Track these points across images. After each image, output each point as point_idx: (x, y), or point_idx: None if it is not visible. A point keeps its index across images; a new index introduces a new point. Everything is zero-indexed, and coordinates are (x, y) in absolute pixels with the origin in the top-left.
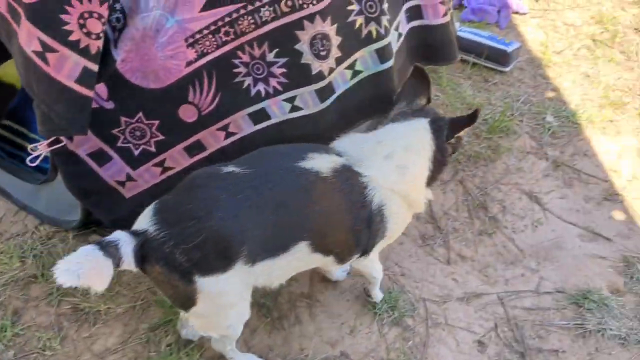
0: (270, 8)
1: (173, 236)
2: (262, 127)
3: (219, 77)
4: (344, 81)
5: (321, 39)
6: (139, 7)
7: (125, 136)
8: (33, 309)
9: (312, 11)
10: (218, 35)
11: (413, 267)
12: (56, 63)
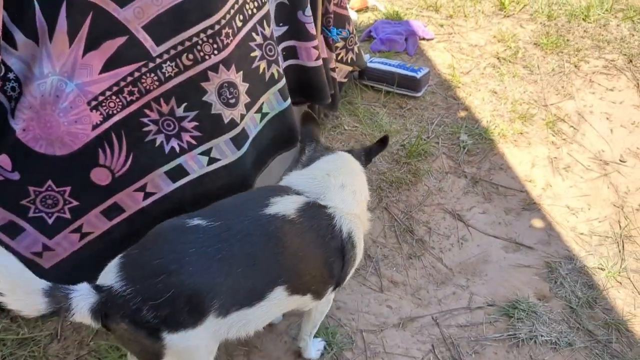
0: (172, 63)
1: (140, 292)
2: (182, 184)
3: (129, 137)
4: (255, 125)
5: (228, 87)
6: (34, 75)
7: (36, 206)
8: None
9: (215, 61)
10: (122, 95)
11: (348, 299)
12: None
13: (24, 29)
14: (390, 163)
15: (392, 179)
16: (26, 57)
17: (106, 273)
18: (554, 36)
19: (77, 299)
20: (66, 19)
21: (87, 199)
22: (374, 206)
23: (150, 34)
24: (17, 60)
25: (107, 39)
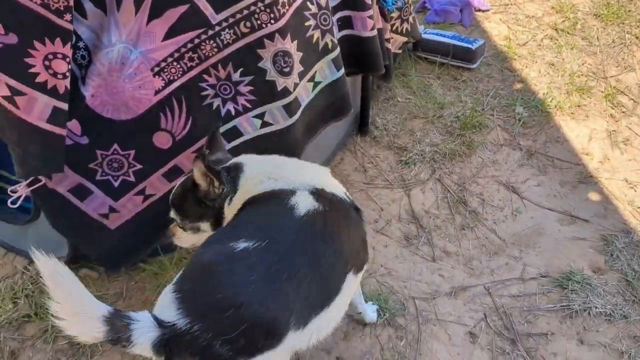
0: (230, 31)
1: (210, 329)
2: (236, 145)
3: (188, 101)
4: (307, 94)
5: (283, 56)
6: (102, 43)
7: (103, 169)
8: (30, 348)
9: (271, 30)
10: (182, 61)
11: (399, 268)
12: (26, 106)
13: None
14: (444, 135)
15: (446, 151)
16: (95, 26)
17: (164, 307)
18: (615, 7)
19: (138, 332)
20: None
21: (150, 163)
22: (427, 177)
23: (210, 2)
24: (86, 30)
25: (169, 7)
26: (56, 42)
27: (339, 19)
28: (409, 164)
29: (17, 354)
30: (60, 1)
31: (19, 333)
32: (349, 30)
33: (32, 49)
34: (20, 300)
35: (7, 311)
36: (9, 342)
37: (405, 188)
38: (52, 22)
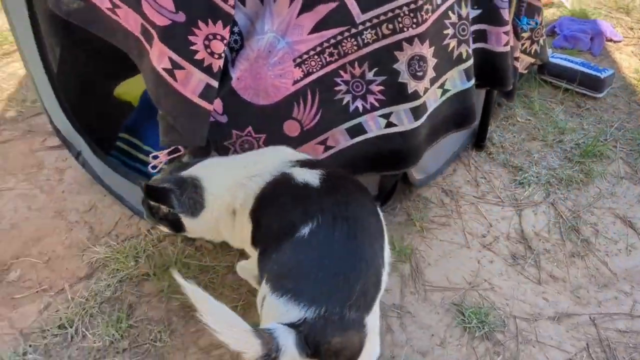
0: (372, 31)
1: (336, 303)
2: (358, 141)
3: (322, 94)
4: (435, 100)
5: (418, 60)
6: (256, 30)
7: (235, 148)
8: (145, 304)
9: (412, 34)
10: (323, 56)
11: (503, 285)
12: (183, 79)
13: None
14: (562, 160)
15: (563, 176)
16: (251, 14)
17: (281, 313)
18: None
19: (282, 338)
20: None
21: None
22: (540, 200)
23: (358, 2)
24: (243, 16)
25: (321, 2)
26: (217, 24)
27: (474, 31)
28: (523, 184)
29: (134, 307)
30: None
31: (138, 289)
32: (483, 43)
33: (196, 28)
34: (141, 259)
35: (129, 267)
36: (128, 296)
37: (516, 207)
38: (217, 6)
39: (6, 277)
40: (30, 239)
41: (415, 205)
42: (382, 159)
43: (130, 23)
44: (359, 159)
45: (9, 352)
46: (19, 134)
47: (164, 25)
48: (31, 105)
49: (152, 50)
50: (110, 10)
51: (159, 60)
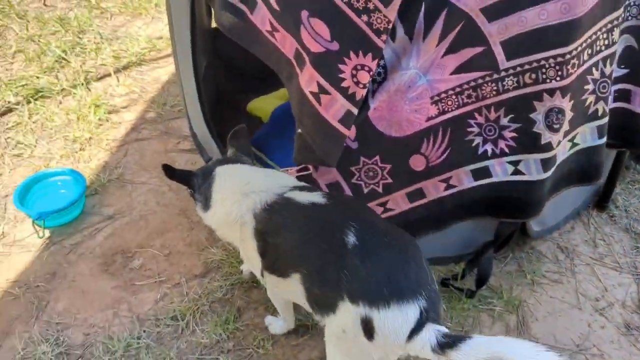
0: (514, 78)
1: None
2: (481, 184)
3: (453, 133)
4: (563, 152)
5: (557, 112)
6: (400, 65)
7: (360, 174)
8: (253, 310)
9: (554, 86)
10: (461, 96)
11: (613, 354)
12: (327, 103)
13: (405, 26)
14: None
15: None
16: (399, 50)
17: (404, 319)
18: None
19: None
20: (442, 24)
21: (400, 180)
22: None
23: (504, 49)
24: (391, 51)
25: (467, 46)
26: (367, 56)
27: (617, 90)
28: None
29: (242, 311)
30: (382, 23)
31: (247, 295)
32: (625, 103)
33: (347, 57)
34: None
35: (241, 274)
36: (238, 300)
37: (636, 276)
38: (370, 39)
39: (130, 263)
40: (155, 232)
41: (528, 257)
42: (503, 205)
43: (286, 47)
44: (479, 202)
45: (125, 333)
46: (156, 134)
47: (317, 52)
48: (170, 109)
49: (302, 74)
50: (269, 32)
51: (308, 83)
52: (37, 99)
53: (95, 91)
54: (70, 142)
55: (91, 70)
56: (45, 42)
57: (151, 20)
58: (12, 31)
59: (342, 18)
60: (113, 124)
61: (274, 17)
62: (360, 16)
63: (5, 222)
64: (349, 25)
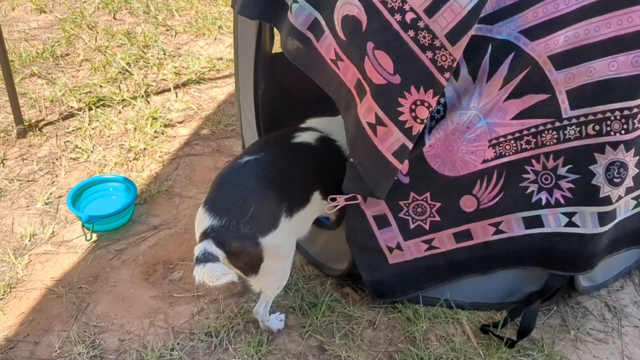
0: (576, 128)
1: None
2: (532, 233)
3: (507, 178)
4: (626, 210)
5: (619, 166)
6: (460, 105)
7: (408, 209)
8: (286, 335)
9: (618, 139)
10: (519, 142)
11: None
12: (383, 136)
13: (469, 66)
14: None
15: None
16: (461, 89)
17: (201, 221)
18: None
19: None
20: (508, 68)
21: (448, 219)
22: None
23: (569, 98)
24: (452, 89)
25: (531, 92)
26: (428, 93)
27: None
28: None
29: (276, 335)
30: (447, 60)
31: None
32: None
33: (408, 92)
34: (290, 292)
35: (278, 296)
36: None
37: None
38: (432, 76)
39: (170, 274)
40: None
41: (573, 312)
42: (553, 257)
43: (348, 76)
44: (528, 251)
45: (160, 344)
46: (208, 150)
47: (379, 84)
48: (224, 128)
49: (361, 104)
50: (333, 61)
51: (366, 114)
52: (98, 107)
53: (153, 104)
54: (125, 151)
55: (152, 84)
56: (112, 53)
57: (213, 41)
58: (82, 40)
59: (407, 52)
60: (168, 137)
61: (340, 47)
62: (425, 52)
63: (56, 222)
64: (413, 60)
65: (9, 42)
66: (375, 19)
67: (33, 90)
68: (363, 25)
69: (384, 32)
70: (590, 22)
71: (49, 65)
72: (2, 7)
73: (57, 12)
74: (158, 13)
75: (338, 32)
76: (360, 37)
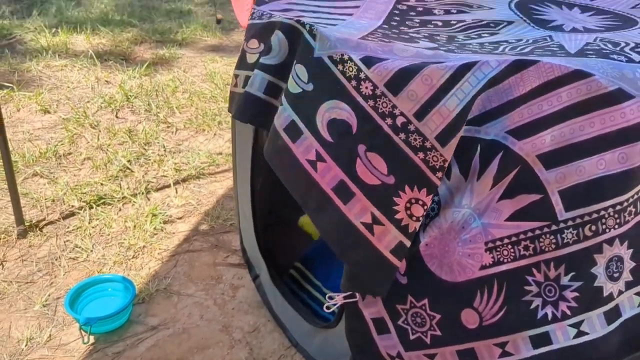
0: (573, 231)
1: None
2: (541, 353)
3: (509, 290)
4: (630, 307)
5: (616, 261)
6: (453, 202)
7: (407, 317)
8: None
9: (613, 235)
10: (517, 247)
11: None
12: (380, 234)
13: (460, 165)
14: None
15: None
16: (453, 187)
17: None
18: None
19: None
20: (497, 166)
21: (450, 334)
22: None
23: (562, 198)
24: (445, 188)
25: (523, 192)
26: (422, 191)
27: None
28: None
29: None
30: (438, 161)
31: None
32: None
33: (402, 191)
34: None
35: None
36: None
37: None
38: (425, 175)
39: None
40: (195, 347)
41: None
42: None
43: (326, 177)
44: None
45: None
46: (207, 246)
47: (372, 184)
48: (223, 222)
49: (348, 205)
50: (310, 162)
51: (360, 214)
52: (99, 205)
53: (153, 201)
54: (124, 249)
55: (152, 180)
56: (113, 151)
57: (213, 137)
58: (84, 139)
59: (399, 154)
60: (167, 234)
61: (324, 148)
62: (417, 153)
63: (53, 325)
64: (406, 161)
65: (13, 142)
66: (367, 122)
67: (35, 190)
68: (354, 129)
69: (376, 135)
70: (574, 121)
71: (52, 164)
72: (7, 109)
73: (61, 112)
74: (159, 111)
75: (322, 134)
76: (351, 139)
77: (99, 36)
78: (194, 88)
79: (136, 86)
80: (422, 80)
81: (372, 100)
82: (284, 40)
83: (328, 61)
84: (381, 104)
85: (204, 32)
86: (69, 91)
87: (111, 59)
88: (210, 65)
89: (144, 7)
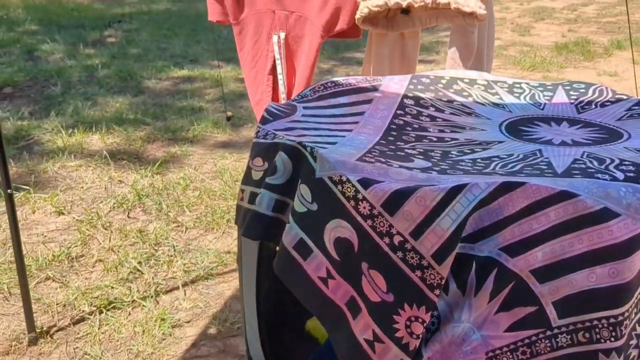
0: (567, 336)
1: None
2: None
3: None
4: None
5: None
6: (453, 317)
7: None
8: None
9: (609, 347)
10: (516, 353)
11: None
12: (380, 352)
13: (457, 282)
14: None
15: None
16: (451, 302)
17: None
18: None
19: None
20: (493, 282)
21: None
22: None
23: (556, 308)
24: (444, 303)
25: (519, 305)
26: (421, 309)
27: None
28: None
29: None
30: (435, 279)
31: None
32: None
33: (402, 309)
34: None
35: None
36: None
37: None
38: (423, 293)
39: None
40: None
41: None
42: None
43: (338, 294)
44: None
45: None
46: (214, 351)
47: (375, 301)
48: (230, 326)
49: (355, 321)
50: (321, 279)
51: (363, 331)
52: (109, 310)
53: (162, 304)
54: (133, 356)
55: (162, 282)
56: (124, 253)
57: (222, 235)
58: (96, 241)
59: (397, 272)
60: (175, 338)
61: (332, 265)
62: (415, 271)
63: None
64: (404, 279)
65: (27, 245)
66: (366, 241)
67: (47, 294)
68: (355, 247)
69: (375, 253)
70: (564, 239)
71: (64, 267)
72: (23, 211)
73: (75, 213)
74: (170, 210)
75: (331, 253)
76: (355, 257)
77: (113, 135)
78: (204, 185)
79: (148, 185)
80: (417, 202)
81: (370, 220)
82: (288, 161)
83: (329, 182)
84: (379, 223)
85: (214, 129)
86: (82, 192)
87: (124, 158)
88: (220, 162)
89: (157, 105)
